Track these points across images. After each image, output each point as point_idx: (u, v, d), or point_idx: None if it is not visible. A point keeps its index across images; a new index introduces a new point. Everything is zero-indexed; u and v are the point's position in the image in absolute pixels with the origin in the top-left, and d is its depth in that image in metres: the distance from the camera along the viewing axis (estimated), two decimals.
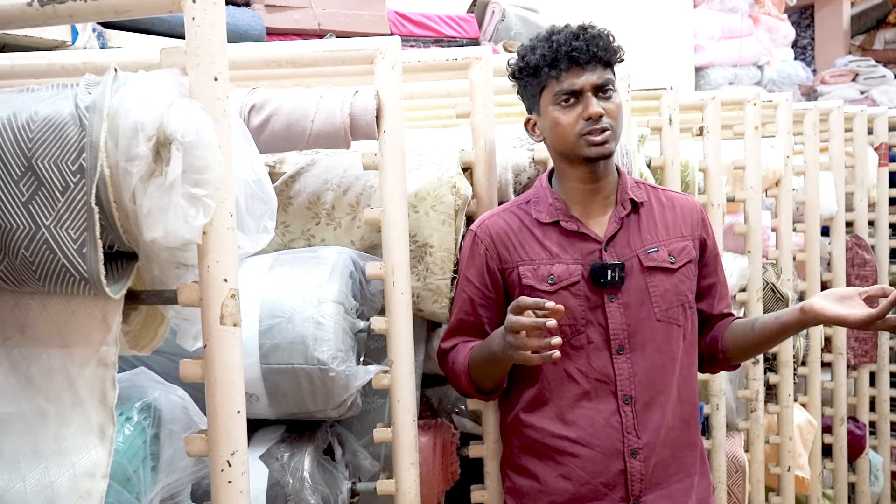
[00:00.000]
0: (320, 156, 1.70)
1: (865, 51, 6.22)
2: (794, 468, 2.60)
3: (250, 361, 1.40)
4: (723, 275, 1.56)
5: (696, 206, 1.52)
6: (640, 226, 1.45)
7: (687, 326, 1.45)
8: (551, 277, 1.41)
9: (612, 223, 1.43)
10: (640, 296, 1.41)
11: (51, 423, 0.97)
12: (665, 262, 1.43)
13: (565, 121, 1.37)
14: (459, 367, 1.46)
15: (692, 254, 1.47)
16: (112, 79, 0.94)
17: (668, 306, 1.42)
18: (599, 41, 1.36)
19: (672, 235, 1.46)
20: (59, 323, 0.99)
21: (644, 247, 1.43)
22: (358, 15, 2.88)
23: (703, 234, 1.50)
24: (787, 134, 2.55)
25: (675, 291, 1.43)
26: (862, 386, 3.21)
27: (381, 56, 1.43)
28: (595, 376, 1.40)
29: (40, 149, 0.91)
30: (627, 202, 1.45)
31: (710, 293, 1.52)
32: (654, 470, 1.41)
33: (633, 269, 1.41)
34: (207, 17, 0.96)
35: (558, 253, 1.43)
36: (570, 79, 1.36)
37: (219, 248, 0.98)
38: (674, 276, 1.43)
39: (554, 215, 1.44)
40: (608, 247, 1.42)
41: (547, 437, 1.43)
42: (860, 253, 3.07)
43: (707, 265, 1.51)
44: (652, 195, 1.49)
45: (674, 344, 1.43)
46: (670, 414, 1.42)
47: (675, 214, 1.48)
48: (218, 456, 1.00)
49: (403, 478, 1.47)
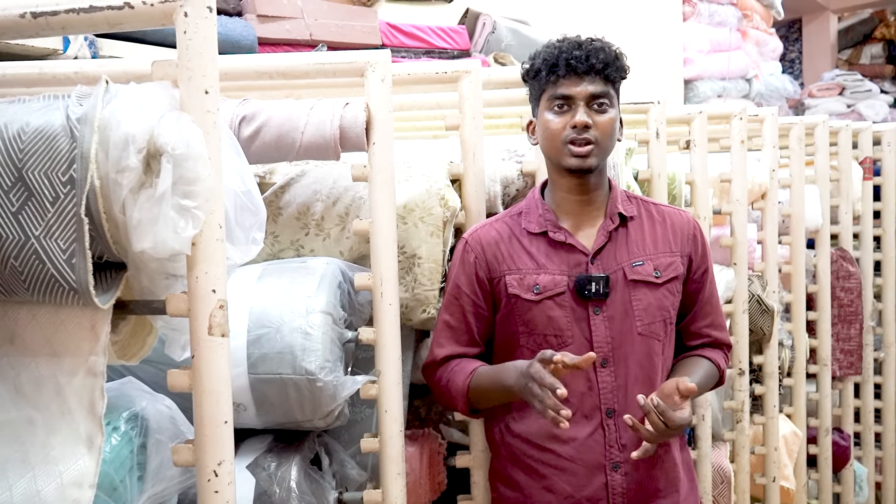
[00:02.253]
0: (310, 167, 1.71)
1: (852, 65, 6.30)
2: (780, 479, 2.62)
3: (238, 371, 1.40)
4: (712, 295, 1.53)
5: (689, 222, 1.51)
6: (627, 239, 1.45)
7: (666, 342, 1.46)
8: (536, 287, 1.42)
9: (600, 236, 1.44)
10: (624, 309, 1.41)
11: (39, 431, 0.97)
12: (650, 276, 1.43)
13: (554, 126, 1.38)
14: (456, 387, 1.46)
15: (679, 269, 1.46)
16: (103, 90, 0.95)
17: (651, 320, 1.42)
18: (600, 54, 1.37)
19: (660, 250, 1.46)
20: (48, 332, 0.99)
21: (630, 260, 1.43)
22: (350, 26, 2.89)
23: (692, 251, 1.49)
24: (772, 147, 2.58)
25: (658, 306, 1.43)
26: (847, 397, 3.23)
27: (371, 69, 1.44)
28: (579, 389, 1.40)
29: (31, 159, 0.91)
30: (616, 216, 1.45)
31: (692, 310, 1.52)
32: (639, 486, 1.41)
33: (617, 282, 1.42)
34: (199, 31, 0.97)
35: (545, 263, 1.44)
36: (566, 86, 1.37)
37: (208, 259, 0.99)
38: (658, 290, 1.43)
39: (543, 226, 1.45)
40: (595, 259, 1.43)
41: (532, 449, 1.44)
42: (845, 265, 3.10)
43: (693, 281, 1.50)
44: (643, 209, 1.50)
45: (654, 358, 1.43)
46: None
47: (666, 229, 1.48)
48: (205, 466, 1.01)
49: (390, 488, 1.47)
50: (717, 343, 1.54)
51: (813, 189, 2.90)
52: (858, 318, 3.14)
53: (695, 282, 1.50)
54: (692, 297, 1.51)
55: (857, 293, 3.11)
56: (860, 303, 3.14)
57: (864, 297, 3.17)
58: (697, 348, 1.53)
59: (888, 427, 3.39)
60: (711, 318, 1.53)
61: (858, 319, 3.15)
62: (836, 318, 3.09)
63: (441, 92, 1.84)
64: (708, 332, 1.53)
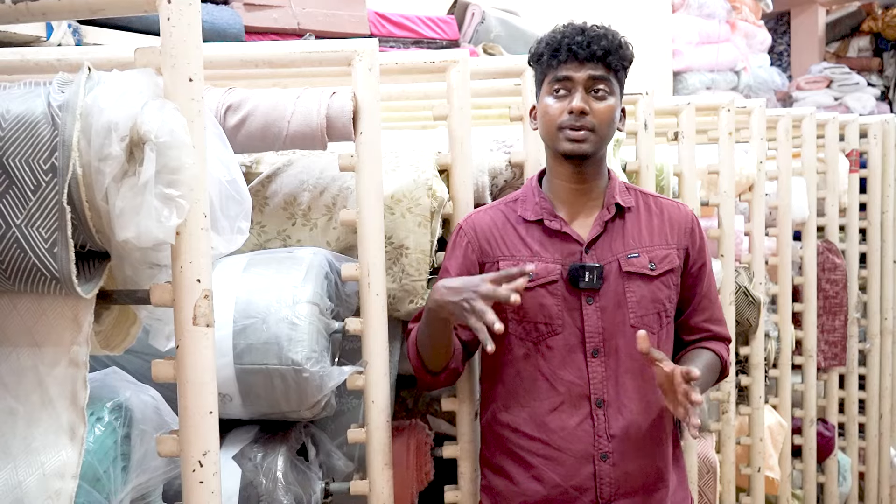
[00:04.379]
0: (297, 156, 1.70)
1: (840, 58, 6.33)
2: (765, 469, 2.64)
3: (224, 362, 1.40)
4: (710, 289, 1.52)
5: (687, 215, 1.49)
6: (624, 230, 1.44)
7: (662, 335, 1.44)
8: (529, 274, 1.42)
9: (596, 226, 1.42)
10: (617, 300, 1.41)
11: (20, 422, 0.97)
12: (644, 268, 1.42)
13: (552, 111, 1.38)
14: (410, 340, 1.45)
15: (675, 262, 1.45)
16: (86, 78, 0.93)
17: (644, 313, 1.41)
18: (602, 41, 1.36)
19: (656, 242, 1.45)
20: (29, 322, 0.98)
21: (625, 251, 1.42)
22: (337, 15, 2.88)
23: (689, 244, 1.47)
24: (760, 140, 2.59)
25: (651, 298, 1.42)
26: (831, 388, 3.26)
27: (358, 58, 1.43)
28: (569, 378, 1.40)
29: (11, 147, 0.90)
30: (613, 206, 1.44)
31: (690, 304, 1.50)
32: (627, 477, 1.40)
33: (611, 273, 1.41)
34: (183, 18, 0.96)
35: (539, 251, 1.43)
36: (566, 70, 1.36)
37: (192, 249, 0.98)
38: (652, 283, 1.42)
39: (539, 214, 1.44)
40: (590, 249, 1.42)
41: (521, 438, 1.44)
42: (831, 258, 3.12)
43: (690, 275, 1.48)
44: (641, 201, 1.48)
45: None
46: (642, 420, 1.41)
47: (663, 222, 1.47)
48: (189, 456, 1.00)
49: (377, 478, 1.47)
50: (716, 337, 1.52)
51: (800, 181, 2.91)
52: (843, 309, 3.17)
53: (692, 276, 1.49)
54: (690, 292, 1.49)
55: (843, 285, 3.14)
56: (845, 295, 3.17)
57: (849, 288, 3.19)
58: (697, 342, 1.51)
59: (872, 418, 3.43)
60: (710, 312, 1.52)
61: (843, 311, 3.17)
62: (821, 310, 3.11)
63: (429, 82, 1.84)
64: (707, 326, 1.51)
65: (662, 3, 4.34)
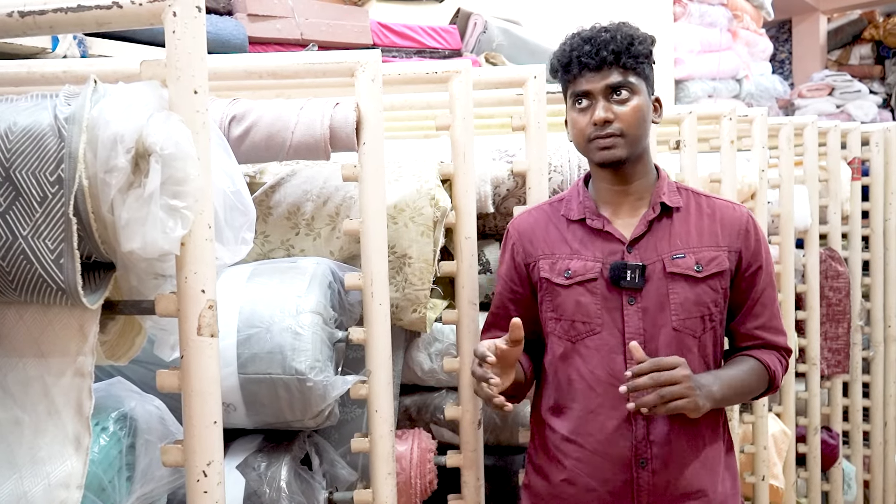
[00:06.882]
0: (300, 167, 1.71)
1: (841, 65, 6.34)
2: (769, 477, 2.63)
3: (228, 371, 1.40)
4: (765, 294, 1.42)
5: (742, 216, 1.42)
6: (670, 230, 1.39)
7: (706, 340, 1.38)
8: (568, 272, 1.40)
9: (640, 225, 1.39)
10: (660, 301, 1.36)
11: (26, 432, 0.97)
12: (690, 269, 1.36)
13: (579, 124, 1.37)
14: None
15: (724, 265, 1.38)
16: (92, 90, 0.94)
17: (687, 316, 1.36)
18: (611, 45, 1.33)
19: (705, 244, 1.39)
20: (35, 333, 0.99)
21: (671, 252, 1.37)
22: (340, 25, 2.89)
23: (742, 247, 1.40)
24: (762, 148, 2.59)
25: (696, 301, 1.36)
26: (835, 396, 3.25)
27: (361, 69, 1.44)
28: (608, 380, 1.36)
29: (18, 159, 0.91)
30: (658, 205, 1.40)
31: (742, 309, 1.43)
32: (667, 485, 1.35)
33: (654, 274, 1.36)
34: (188, 31, 0.97)
35: (579, 249, 1.41)
36: (582, 83, 1.35)
37: (197, 260, 0.98)
38: (698, 285, 1.36)
39: (581, 213, 1.43)
40: (632, 248, 1.38)
41: (559, 440, 1.41)
42: (833, 265, 3.12)
43: (744, 279, 1.41)
44: (692, 201, 1.43)
45: (687, 355, 1.34)
46: (685, 426, 1.36)
47: (714, 222, 1.41)
48: (194, 466, 1.01)
49: (380, 487, 1.47)
50: (768, 345, 1.43)
51: (802, 189, 2.91)
52: (846, 317, 3.16)
53: (745, 279, 1.41)
54: (742, 296, 1.42)
55: (846, 293, 3.13)
56: (848, 302, 3.16)
57: (852, 296, 3.19)
58: (746, 350, 1.44)
59: (876, 426, 3.41)
60: (763, 319, 1.43)
61: (846, 318, 3.16)
62: (825, 318, 3.10)
63: (432, 92, 1.85)
64: (759, 333, 1.43)
65: (664, 11, 4.36)
